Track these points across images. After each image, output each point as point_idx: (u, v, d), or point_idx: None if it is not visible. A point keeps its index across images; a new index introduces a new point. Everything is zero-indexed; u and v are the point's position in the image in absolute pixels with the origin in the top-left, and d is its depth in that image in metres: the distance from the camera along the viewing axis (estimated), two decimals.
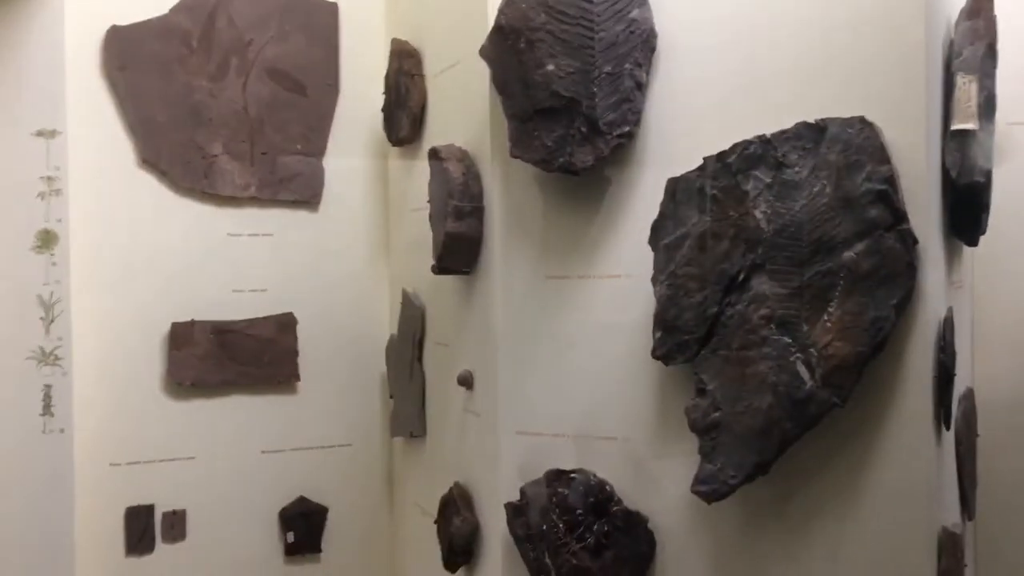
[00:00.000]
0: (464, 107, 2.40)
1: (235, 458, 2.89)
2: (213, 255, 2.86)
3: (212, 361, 2.84)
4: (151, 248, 2.78)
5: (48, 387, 2.53)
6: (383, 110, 2.86)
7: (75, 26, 2.62)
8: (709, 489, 1.87)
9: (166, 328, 2.80)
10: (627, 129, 2.00)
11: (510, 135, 2.10)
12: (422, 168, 2.56)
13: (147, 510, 2.79)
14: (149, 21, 2.78)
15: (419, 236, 2.59)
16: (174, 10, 2.81)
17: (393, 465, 3.06)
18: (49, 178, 2.54)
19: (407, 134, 2.76)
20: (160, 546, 2.80)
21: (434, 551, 2.49)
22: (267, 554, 2.94)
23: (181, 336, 2.81)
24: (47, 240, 2.53)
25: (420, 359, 2.75)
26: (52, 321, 2.54)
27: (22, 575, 2.51)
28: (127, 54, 2.75)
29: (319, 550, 2.99)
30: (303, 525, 2.97)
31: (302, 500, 2.97)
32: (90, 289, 2.66)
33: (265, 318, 2.92)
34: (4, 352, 2.51)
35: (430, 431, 2.71)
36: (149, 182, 2.79)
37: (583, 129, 2.01)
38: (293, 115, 2.95)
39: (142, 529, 2.78)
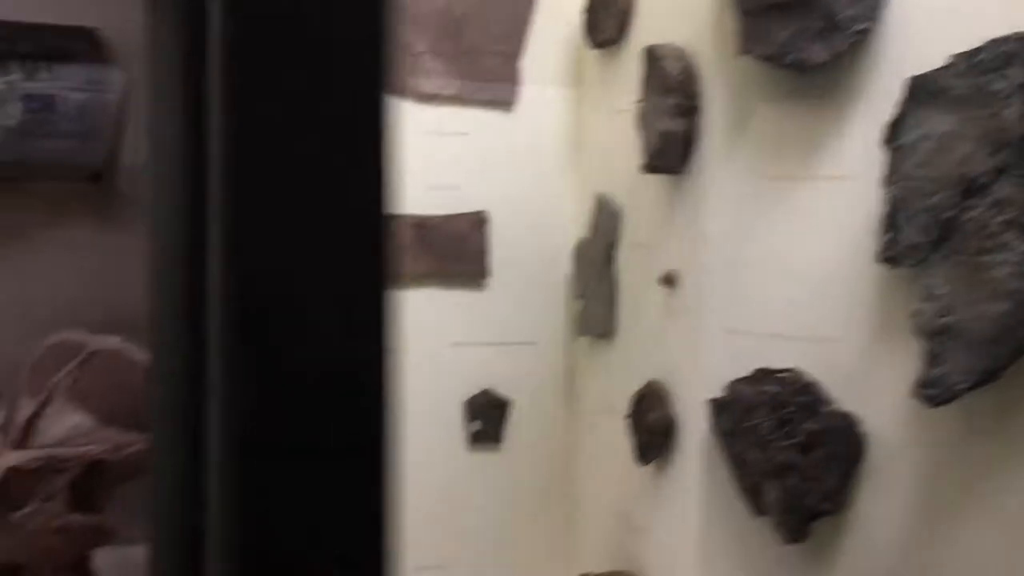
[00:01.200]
0: (679, 5, 2.38)
1: (426, 348, 3.01)
2: (413, 152, 2.93)
3: (411, 253, 2.95)
4: None
5: None
6: (585, 11, 2.86)
7: None
8: (934, 393, 1.85)
9: None
10: (865, 25, 1.95)
11: (741, 30, 2.07)
12: (626, 70, 2.56)
13: None
14: None
15: (619, 139, 2.60)
16: None
17: (576, 364, 3.14)
18: None
19: (611, 35, 2.74)
20: None
21: (617, 446, 2.56)
22: (451, 441, 3.07)
23: None
24: None
25: (613, 260, 2.79)
26: None
27: None
28: None
29: (500, 440, 3.11)
30: (487, 416, 3.09)
31: (486, 393, 3.08)
32: None
33: (459, 215, 3.00)
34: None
35: (621, 331, 2.76)
36: None
37: (819, 24, 1.97)
38: (494, 15, 2.97)
39: None
